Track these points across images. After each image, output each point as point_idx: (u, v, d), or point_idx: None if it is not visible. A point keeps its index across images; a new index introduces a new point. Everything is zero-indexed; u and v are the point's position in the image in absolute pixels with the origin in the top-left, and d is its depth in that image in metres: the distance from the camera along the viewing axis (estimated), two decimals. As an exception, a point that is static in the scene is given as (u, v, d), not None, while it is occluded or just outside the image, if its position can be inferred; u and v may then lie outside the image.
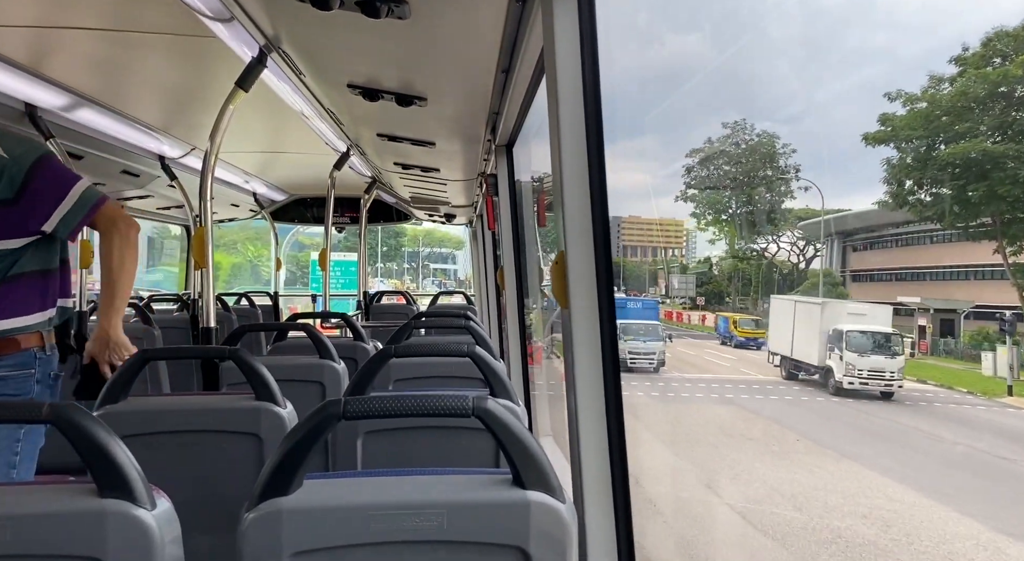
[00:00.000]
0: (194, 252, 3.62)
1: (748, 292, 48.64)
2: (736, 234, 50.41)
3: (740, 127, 48.86)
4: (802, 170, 47.65)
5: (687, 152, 49.87)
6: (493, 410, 1.58)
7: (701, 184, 50.44)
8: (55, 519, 1.45)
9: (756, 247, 50.09)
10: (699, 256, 58.25)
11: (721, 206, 50.41)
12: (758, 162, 48.05)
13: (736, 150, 48.68)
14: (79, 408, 1.51)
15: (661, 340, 31.61)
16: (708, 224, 51.07)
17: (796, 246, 49.52)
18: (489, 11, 2.54)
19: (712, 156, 49.91)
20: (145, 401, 2.59)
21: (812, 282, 42.58)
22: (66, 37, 3.33)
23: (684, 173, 50.38)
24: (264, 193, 8.85)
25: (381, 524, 1.53)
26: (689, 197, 50.86)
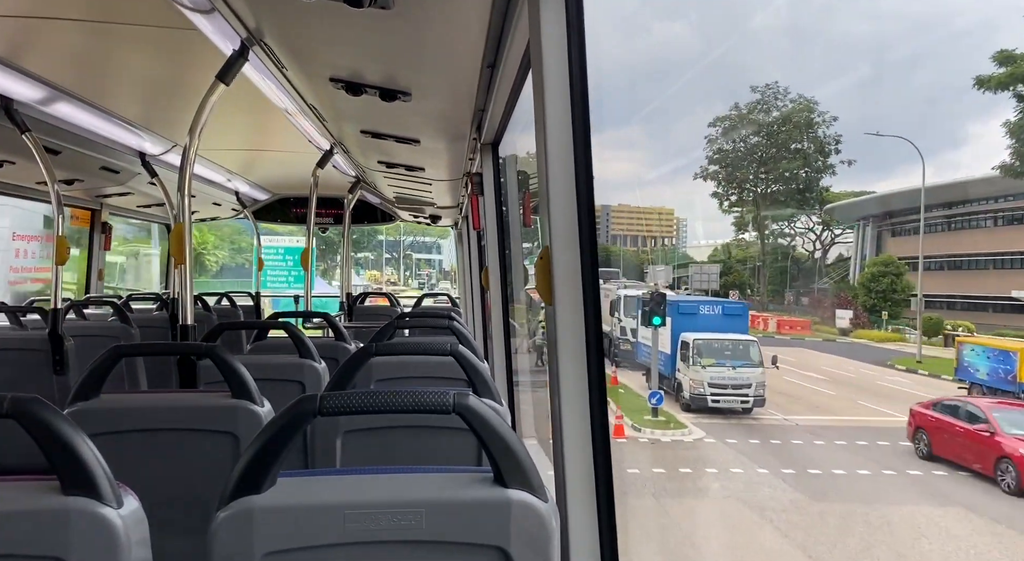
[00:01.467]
0: (173, 249, 3.56)
1: (779, 283, 44.16)
2: (756, 216, 45.30)
3: (772, 91, 43.56)
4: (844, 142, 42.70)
5: (710, 121, 45.31)
6: (474, 407, 1.54)
7: (724, 159, 45.32)
8: (16, 517, 1.39)
9: (793, 232, 45.05)
10: (699, 243, 55.44)
11: (748, 184, 45.23)
12: (792, 132, 43.32)
13: (766, 118, 43.85)
14: (42, 402, 1.46)
15: (758, 365, 22.95)
16: (733, 205, 45.97)
17: (813, 232, 45.21)
18: (474, 2, 2.51)
19: (737, 126, 44.89)
20: (118, 398, 2.53)
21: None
22: (43, 28, 3.26)
23: (706, 145, 45.58)
24: (247, 192, 8.76)
25: (357, 524, 1.49)
26: (710, 174, 45.70)
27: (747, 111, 44.73)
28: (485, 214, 5.16)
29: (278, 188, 9.15)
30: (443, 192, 7.78)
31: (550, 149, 2.08)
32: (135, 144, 5.48)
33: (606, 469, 2.08)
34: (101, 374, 2.46)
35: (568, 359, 2.07)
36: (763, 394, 22.18)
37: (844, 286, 38.77)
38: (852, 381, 27.65)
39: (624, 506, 14.31)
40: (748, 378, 22.17)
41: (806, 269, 45.10)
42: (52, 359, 4.63)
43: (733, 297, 40.09)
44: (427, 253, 62.94)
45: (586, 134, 2.12)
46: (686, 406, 23.65)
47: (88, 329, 5.43)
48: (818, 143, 42.97)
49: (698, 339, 24.13)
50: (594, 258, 2.11)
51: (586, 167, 2.11)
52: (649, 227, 58.44)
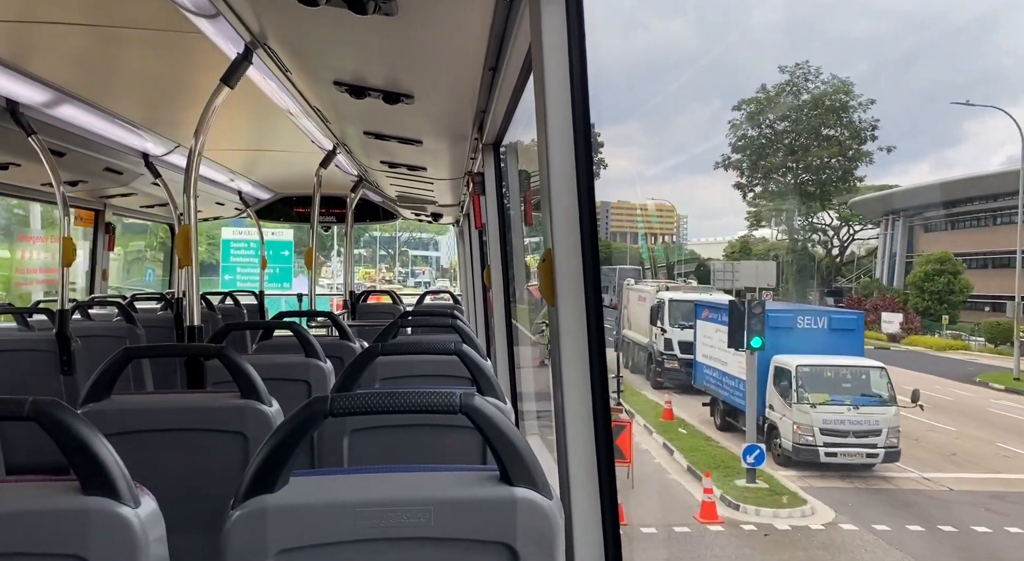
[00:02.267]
0: (178, 250, 3.59)
1: (805, 282, 40.68)
2: (785, 207, 41.31)
3: (803, 71, 39.89)
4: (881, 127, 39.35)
5: (734, 104, 41.64)
6: (480, 406, 1.57)
7: (749, 146, 41.61)
8: (37, 517, 1.43)
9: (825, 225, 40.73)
10: (705, 240, 53.34)
11: (775, 173, 41.39)
12: (825, 116, 39.77)
13: (795, 101, 40.09)
14: (61, 405, 1.49)
15: (890, 403, 15.92)
16: (759, 198, 42.45)
17: (831, 229, 41.92)
18: (476, 7, 2.54)
19: (765, 109, 40.80)
20: (129, 399, 2.57)
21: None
22: (49, 32, 3.29)
23: (728, 131, 41.81)
24: (249, 191, 8.79)
25: (368, 521, 1.53)
26: (733, 163, 42.13)
27: (775, 93, 41.08)
28: (487, 213, 5.20)
29: (281, 187, 9.17)
30: (445, 191, 7.81)
31: (551, 150, 2.11)
32: (138, 145, 5.52)
33: (609, 465, 2.12)
34: (112, 375, 2.50)
35: (571, 357, 2.10)
36: (896, 444, 15.45)
37: (874, 285, 35.55)
38: (954, 407, 23.03)
39: None
40: (877, 421, 15.41)
41: (834, 267, 41.93)
42: (60, 360, 4.67)
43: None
44: (424, 250, 60.25)
45: (587, 135, 2.15)
46: (784, 459, 17.63)
47: (94, 329, 5.48)
48: (853, 128, 39.62)
49: (803, 366, 17.83)
50: (595, 257, 2.14)
51: (587, 168, 2.14)
52: (649, 223, 57.11)
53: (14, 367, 4.64)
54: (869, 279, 39.08)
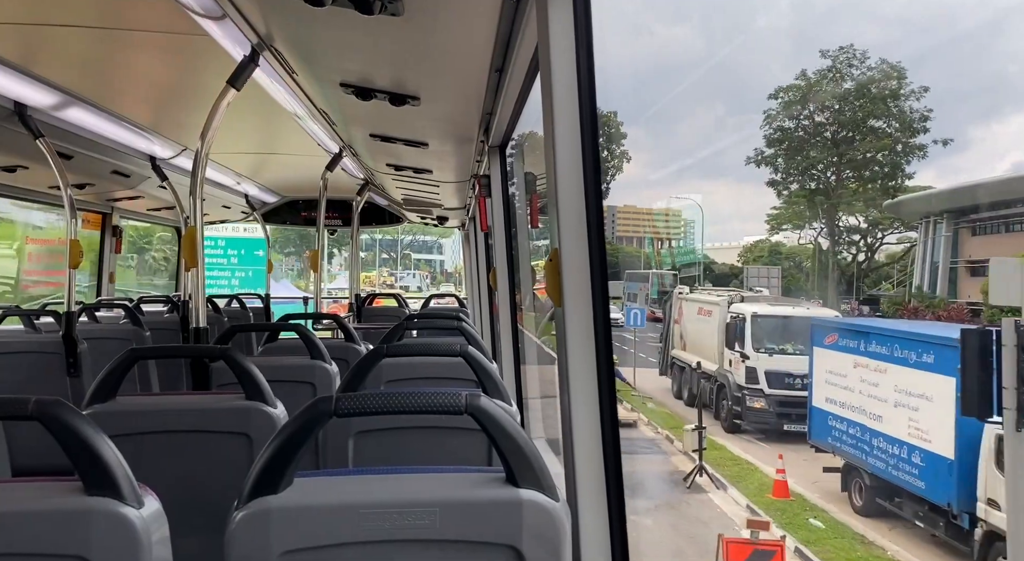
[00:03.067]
0: (185, 253, 3.60)
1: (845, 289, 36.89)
2: (825, 207, 36.99)
3: (846, 55, 35.37)
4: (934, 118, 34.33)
5: (769, 93, 37.10)
6: (486, 407, 1.57)
7: (785, 139, 37.12)
8: (40, 517, 1.42)
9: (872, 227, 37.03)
10: (719, 244, 51.85)
11: (815, 169, 37.15)
12: (869, 106, 35.20)
13: (836, 89, 35.83)
14: (65, 404, 1.49)
15: None
16: (796, 197, 38.21)
17: (858, 232, 38.09)
18: (483, 8, 2.53)
19: (803, 98, 36.47)
20: (134, 401, 2.57)
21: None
22: (56, 35, 3.30)
23: (763, 123, 37.40)
24: (256, 195, 8.81)
25: (373, 523, 1.52)
26: (766, 159, 37.69)
27: (816, 80, 36.58)
28: (493, 215, 5.20)
29: (287, 191, 9.19)
30: (450, 194, 7.81)
31: (559, 152, 2.10)
32: (145, 148, 5.53)
33: (616, 468, 2.10)
34: (117, 376, 2.50)
35: (578, 359, 2.09)
36: None
37: (917, 294, 32.51)
38: None
39: None
40: None
41: (858, 274, 38.29)
42: (66, 362, 4.68)
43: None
44: (427, 253, 58.31)
45: (594, 137, 2.15)
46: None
47: (101, 332, 5.49)
48: (904, 119, 34.98)
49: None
50: (603, 259, 2.14)
51: (594, 170, 2.14)
52: (655, 228, 56.24)
53: (21, 369, 4.65)
54: (904, 287, 35.65)
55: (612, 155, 45.90)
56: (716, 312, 23.40)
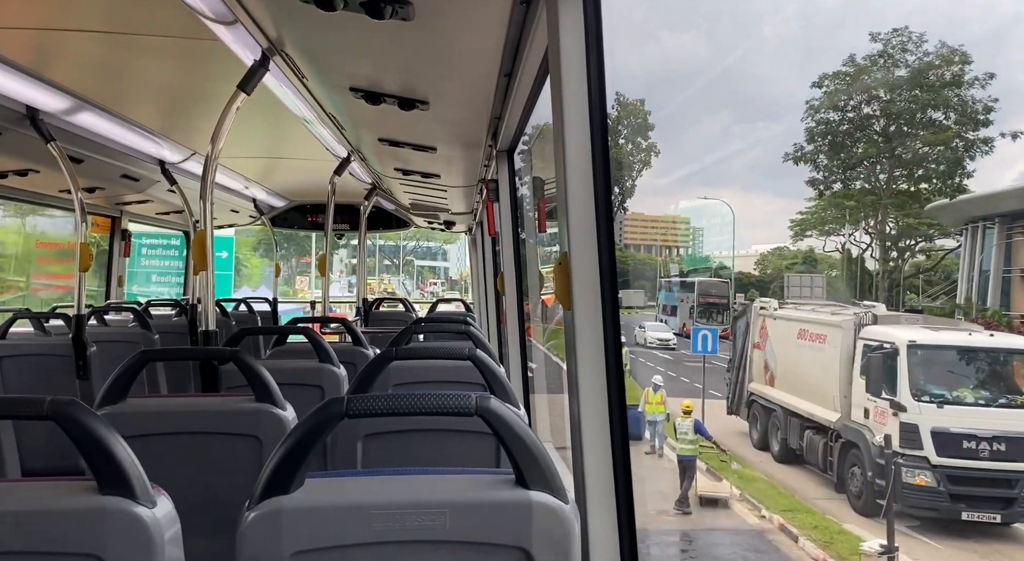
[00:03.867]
0: (194, 257, 3.61)
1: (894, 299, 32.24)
2: (875, 209, 32.52)
3: (900, 39, 31.46)
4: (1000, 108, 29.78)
5: (811, 82, 33.37)
6: (495, 409, 1.57)
7: (829, 132, 33.32)
8: (55, 516, 1.43)
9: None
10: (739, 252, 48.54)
11: (862, 166, 33.10)
12: (927, 96, 30.96)
13: (887, 76, 31.58)
14: (80, 404, 1.50)
15: None
16: (837, 197, 34.55)
17: (889, 239, 34.16)
18: (493, 13, 2.55)
19: (851, 86, 32.29)
20: (145, 402, 2.58)
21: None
22: (68, 39, 3.33)
23: (804, 115, 33.77)
24: (264, 199, 8.84)
25: (383, 523, 1.52)
26: (806, 156, 34.16)
27: (867, 65, 32.51)
28: (500, 220, 5.20)
29: (295, 195, 9.22)
30: (458, 198, 7.82)
31: (568, 156, 2.11)
32: (155, 152, 5.57)
33: (625, 471, 2.10)
34: (128, 378, 2.51)
35: (587, 362, 2.10)
36: None
37: (966, 306, 28.34)
38: None
39: None
40: None
41: (888, 283, 34.69)
42: (76, 364, 4.71)
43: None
44: (431, 260, 56.07)
45: (604, 141, 2.15)
46: None
47: (110, 335, 5.52)
48: (966, 110, 30.52)
49: None
50: (612, 263, 2.14)
51: (604, 173, 2.14)
52: (664, 236, 55.34)
53: (31, 371, 4.69)
54: (945, 296, 32.00)
55: (638, 148, 44.42)
56: (836, 337, 16.92)
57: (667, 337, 33.63)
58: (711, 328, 22.52)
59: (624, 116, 43.06)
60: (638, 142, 43.21)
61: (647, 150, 44.02)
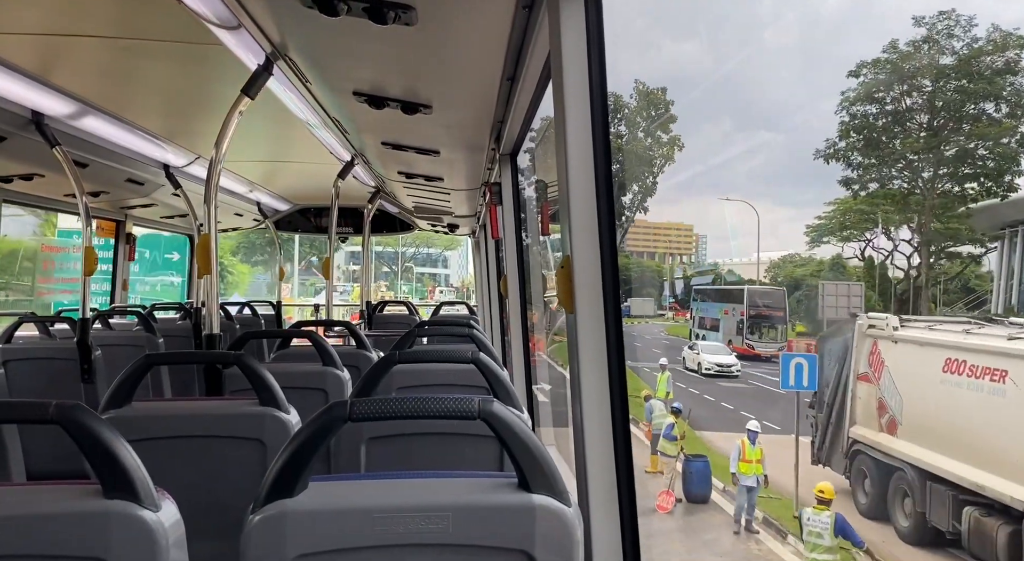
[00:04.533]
0: (198, 260, 3.62)
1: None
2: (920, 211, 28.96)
3: (947, 22, 28.49)
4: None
5: (850, 69, 30.28)
6: (498, 412, 1.57)
7: (865, 126, 30.14)
8: (59, 519, 1.44)
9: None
10: (739, 259, 46.87)
11: (902, 162, 29.73)
12: (977, 85, 28.00)
13: (929, 62, 28.55)
14: (85, 409, 1.51)
15: None
16: (875, 198, 31.10)
17: (910, 245, 30.98)
18: (496, 18, 2.56)
19: (892, 75, 29.02)
20: (149, 406, 2.59)
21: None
22: (73, 45, 3.35)
23: (838, 108, 30.77)
24: (268, 202, 8.87)
25: (386, 526, 1.53)
26: (839, 154, 30.94)
27: (911, 52, 29.16)
28: (504, 223, 5.21)
29: (299, 198, 9.25)
30: (461, 201, 7.84)
31: (571, 160, 2.12)
32: (159, 156, 5.59)
33: (628, 474, 2.11)
34: (133, 382, 2.52)
35: (590, 365, 2.10)
36: None
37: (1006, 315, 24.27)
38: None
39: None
40: None
41: (911, 292, 31.69)
42: (80, 368, 4.72)
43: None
44: (432, 267, 54.57)
45: (606, 145, 2.16)
46: None
47: (114, 338, 5.54)
48: (1022, 101, 27.37)
49: None
50: (615, 267, 2.15)
51: (606, 177, 2.15)
52: (669, 243, 54.29)
53: (36, 375, 4.70)
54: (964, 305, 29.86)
55: (658, 143, 39.80)
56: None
57: (729, 362, 27.34)
58: (808, 357, 16.61)
59: (644, 107, 38.88)
60: (658, 136, 39.21)
61: (670, 143, 39.40)
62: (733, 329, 30.64)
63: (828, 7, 50.43)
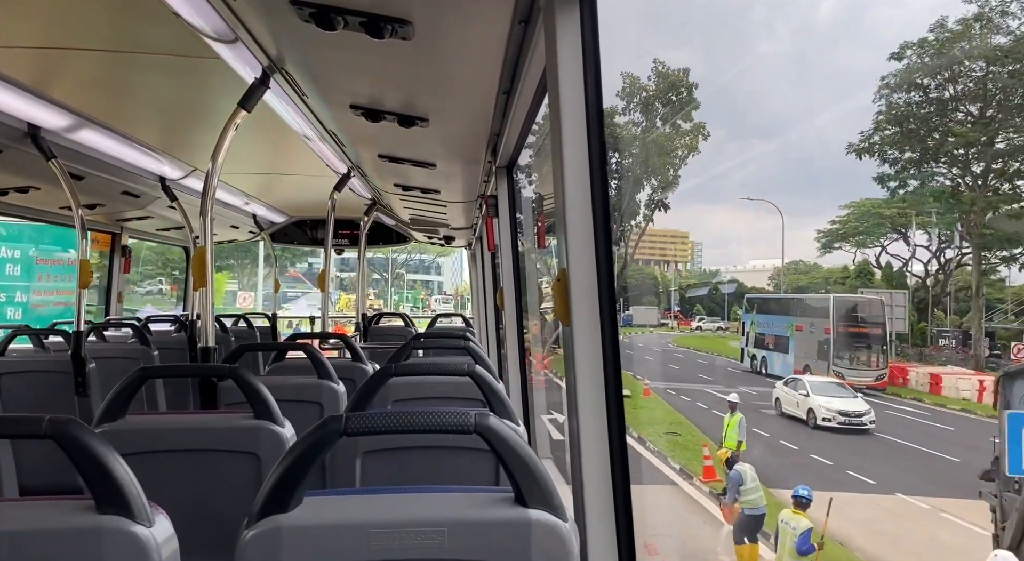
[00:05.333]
0: (194, 272, 3.62)
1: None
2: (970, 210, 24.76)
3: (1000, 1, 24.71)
4: None
5: (892, 52, 26.92)
6: (494, 426, 1.57)
7: (908, 116, 27.11)
8: (53, 535, 1.43)
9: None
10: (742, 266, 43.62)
11: (949, 155, 26.52)
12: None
13: (984, 47, 25.03)
14: (79, 423, 1.50)
15: None
16: (918, 195, 28.10)
17: (928, 250, 27.79)
18: (492, 32, 2.57)
19: (936, 57, 25.50)
20: (144, 419, 2.58)
21: None
22: (70, 58, 3.36)
23: (875, 97, 27.66)
24: (264, 215, 8.87)
25: (382, 542, 1.52)
26: (872, 146, 27.96)
27: (961, 30, 25.82)
28: (500, 235, 5.22)
29: (295, 211, 9.25)
30: (457, 214, 7.85)
31: (567, 172, 2.12)
32: (155, 169, 5.59)
33: (624, 488, 2.10)
34: (127, 395, 2.51)
35: (586, 378, 2.10)
36: None
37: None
38: None
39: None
40: None
41: (931, 300, 28.91)
42: (75, 381, 4.70)
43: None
44: (424, 273, 52.89)
45: (602, 158, 2.17)
46: None
47: (109, 351, 5.51)
48: None
49: None
50: (611, 279, 2.15)
51: (602, 190, 2.15)
52: (664, 250, 53.86)
53: (30, 388, 4.68)
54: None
55: (678, 132, 33.88)
56: None
57: (859, 409, 19.67)
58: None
59: (663, 91, 33.73)
60: (677, 125, 33.60)
61: (693, 132, 33.83)
62: (813, 351, 23.74)
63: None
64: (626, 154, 33.53)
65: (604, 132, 2.20)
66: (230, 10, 2.55)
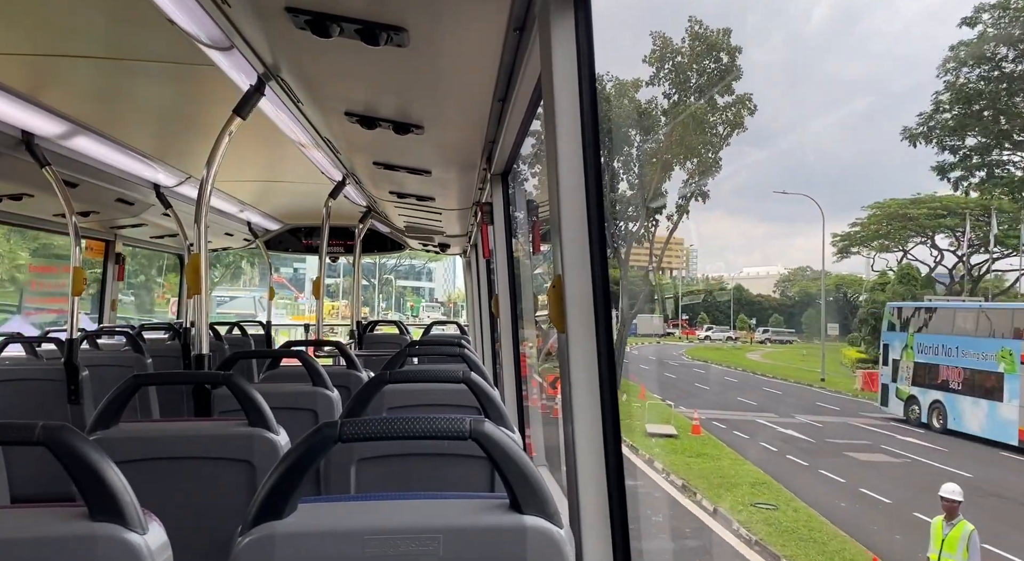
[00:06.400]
0: (188, 280, 3.61)
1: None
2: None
3: None
4: None
5: (960, 18, 23.15)
6: (490, 433, 1.56)
7: (979, 96, 22.74)
8: (45, 543, 1.42)
9: None
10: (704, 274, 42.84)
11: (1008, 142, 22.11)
12: None
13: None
14: (72, 430, 1.49)
15: None
16: (984, 186, 24.29)
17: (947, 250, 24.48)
18: (487, 40, 2.58)
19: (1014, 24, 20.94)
20: (137, 427, 2.56)
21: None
22: (64, 65, 3.35)
23: (939, 72, 24.36)
24: (258, 222, 8.86)
25: (377, 549, 1.51)
26: (929, 131, 24.09)
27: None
28: (495, 242, 5.22)
29: (290, 218, 9.24)
30: (453, 221, 7.85)
31: (562, 179, 2.12)
32: (150, 176, 5.58)
33: (619, 494, 2.10)
34: (120, 403, 2.50)
35: (581, 385, 2.09)
36: None
37: None
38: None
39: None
40: None
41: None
42: (68, 389, 4.68)
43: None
44: (415, 280, 51.40)
45: (597, 164, 2.17)
46: None
47: (102, 359, 5.49)
48: None
49: None
50: (606, 285, 2.15)
51: (597, 197, 2.16)
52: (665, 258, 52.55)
53: (22, 396, 4.65)
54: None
55: (714, 108, 26.61)
56: None
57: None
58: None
59: (700, 54, 27.16)
60: (713, 100, 27.27)
61: (737, 105, 27.01)
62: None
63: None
64: (649, 139, 27.34)
65: (599, 139, 2.20)
66: (225, 17, 2.55)
